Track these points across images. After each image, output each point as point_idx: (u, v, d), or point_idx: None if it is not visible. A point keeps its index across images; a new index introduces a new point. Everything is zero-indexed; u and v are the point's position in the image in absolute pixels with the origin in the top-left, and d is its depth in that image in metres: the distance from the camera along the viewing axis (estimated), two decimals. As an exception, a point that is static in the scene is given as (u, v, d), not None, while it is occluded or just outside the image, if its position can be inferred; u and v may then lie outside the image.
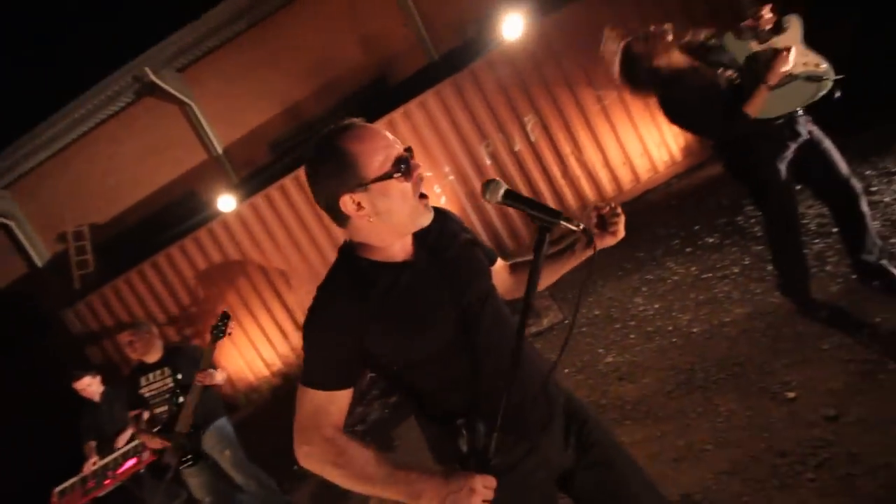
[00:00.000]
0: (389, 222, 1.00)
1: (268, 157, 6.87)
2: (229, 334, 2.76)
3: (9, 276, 7.18)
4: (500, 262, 1.30)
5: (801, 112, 2.06)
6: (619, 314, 3.33)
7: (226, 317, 2.80)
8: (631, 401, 2.52)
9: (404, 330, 1.01)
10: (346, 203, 0.98)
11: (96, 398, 3.76)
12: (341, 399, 1.04)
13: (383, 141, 0.98)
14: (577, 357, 3.13)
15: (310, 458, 1.04)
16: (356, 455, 1.00)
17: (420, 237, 1.08)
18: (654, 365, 2.69)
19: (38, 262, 7.14)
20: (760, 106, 1.94)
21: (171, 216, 6.66)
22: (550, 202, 5.24)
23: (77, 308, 5.81)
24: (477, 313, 1.06)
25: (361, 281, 1.01)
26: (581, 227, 1.04)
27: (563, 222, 0.99)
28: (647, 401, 2.46)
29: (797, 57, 1.96)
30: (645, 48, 2.09)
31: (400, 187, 0.97)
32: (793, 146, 2.06)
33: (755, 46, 1.99)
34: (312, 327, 1.03)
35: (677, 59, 2.12)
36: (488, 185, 1.02)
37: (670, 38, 2.07)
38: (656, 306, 3.20)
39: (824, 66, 1.97)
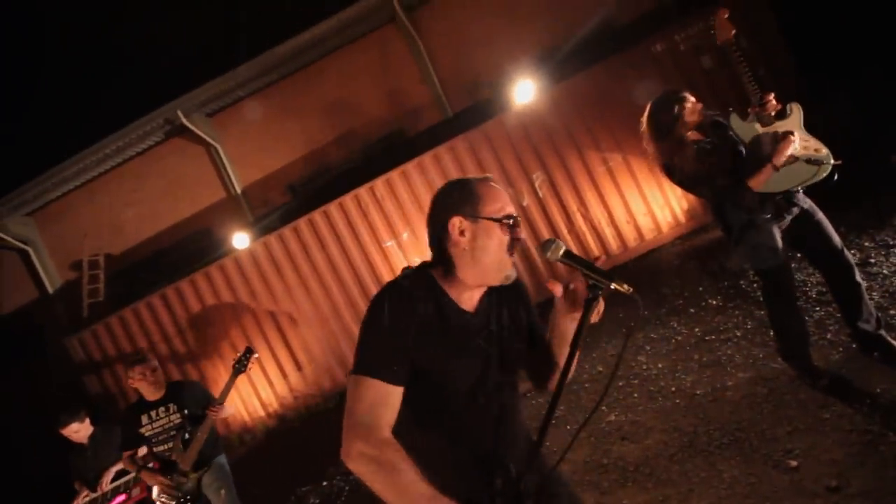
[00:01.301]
0: (479, 260, 1.10)
1: (284, 198, 7.12)
2: (250, 369, 2.81)
3: (19, 301, 7.27)
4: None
5: (798, 188, 2.20)
6: (623, 372, 3.33)
7: (250, 351, 2.85)
8: (633, 462, 2.49)
9: (435, 367, 1.07)
10: (455, 224, 1.11)
11: (84, 441, 3.63)
12: (398, 398, 1.04)
13: (505, 198, 1.15)
14: (580, 414, 3.11)
15: (362, 457, 0.98)
16: (407, 468, 0.97)
17: (488, 297, 1.17)
18: (656, 426, 2.67)
19: (50, 289, 7.25)
20: (764, 182, 2.09)
21: (186, 251, 6.83)
22: (556, 256, 5.35)
23: (82, 336, 5.84)
24: (493, 392, 1.15)
25: (435, 302, 1.10)
26: (631, 290, 1.04)
27: (614, 284, 1.03)
28: (649, 463, 2.44)
29: (799, 140, 2.12)
30: (685, 113, 2.22)
31: (500, 235, 1.11)
32: (788, 217, 2.18)
33: (759, 129, 2.16)
34: (389, 315, 1.04)
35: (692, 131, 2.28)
36: (548, 243, 1.08)
37: (699, 114, 2.24)
38: (660, 366, 3.21)
39: (824, 151, 2.12)
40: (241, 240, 5.77)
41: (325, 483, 3.82)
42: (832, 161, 2.10)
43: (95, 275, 6.79)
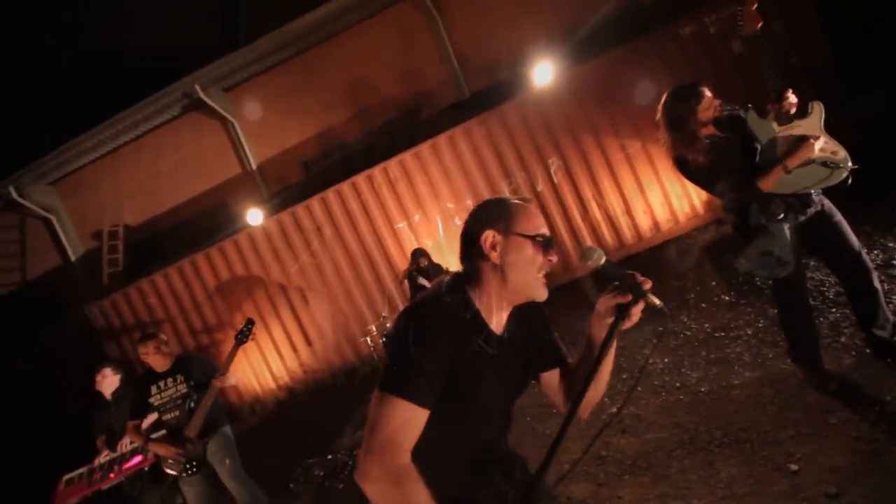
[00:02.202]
0: (508, 277, 1.08)
1: (299, 175, 7.14)
2: (253, 339, 2.89)
3: (42, 267, 7.52)
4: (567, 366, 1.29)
5: (810, 191, 2.11)
6: (629, 365, 3.32)
7: (251, 322, 2.94)
8: (632, 455, 2.50)
9: (461, 388, 1.06)
10: (487, 238, 1.09)
11: (107, 395, 3.84)
12: (423, 420, 1.01)
13: (541, 220, 1.14)
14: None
15: (379, 481, 0.96)
16: (422, 498, 0.96)
17: (513, 321, 1.16)
18: (658, 420, 2.66)
19: (72, 257, 7.48)
20: (774, 184, 2.01)
21: (202, 225, 6.95)
22: (569, 244, 5.30)
23: (102, 304, 6.03)
24: (504, 410, 1.18)
25: (473, 325, 1.07)
26: (662, 305, 1.04)
27: (648, 297, 1.03)
28: (647, 457, 2.44)
29: (820, 145, 2.02)
30: (700, 108, 2.15)
31: (532, 253, 1.09)
32: (802, 218, 2.10)
33: (776, 127, 2.06)
34: (430, 336, 1.01)
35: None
36: (589, 251, 1.06)
37: (715, 109, 2.16)
38: (666, 360, 3.18)
39: (842, 154, 2.02)
40: (254, 216, 5.83)
41: (329, 457, 3.94)
42: (849, 165, 2.01)
43: (115, 245, 6.97)
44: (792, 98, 2.02)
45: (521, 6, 6.50)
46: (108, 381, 3.80)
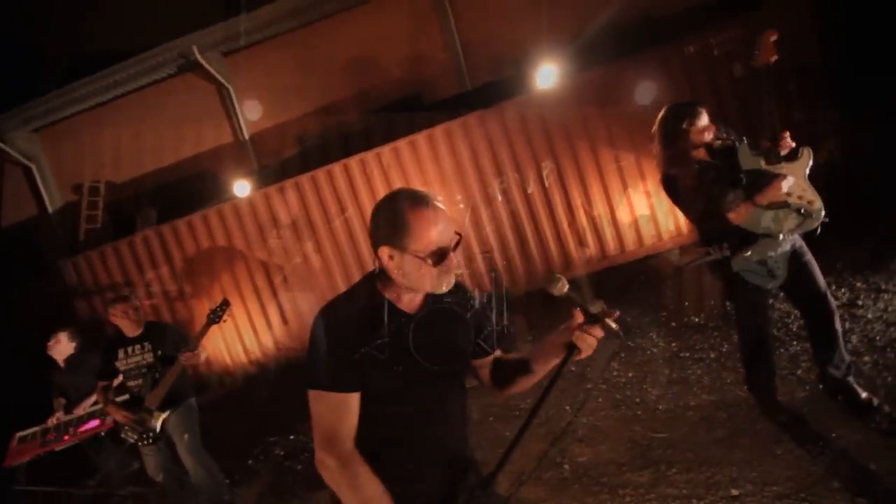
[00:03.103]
0: (409, 283, 1.14)
1: (291, 151, 7.04)
2: (225, 321, 2.85)
3: (17, 217, 7.33)
4: (497, 354, 1.36)
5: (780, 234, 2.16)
6: (593, 375, 3.38)
7: (226, 304, 2.90)
8: (584, 464, 2.56)
9: (385, 371, 1.11)
10: (384, 252, 1.13)
11: (59, 360, 3.74)
12: (355, 405, 1.10)
13: (437, 228, 1.10)
14: (542, 409, 3.17)
15: (328, 470, 1.08)
16: (368, 482, 1.07)
17: (432, 299, 1.20)
18: (613, 433, 2.73)
19: (50, 209, 7.30)
20: (743, 218, 2.05)
21: (187, 190, 6.82)
22: (553, 249, 5.34)
23: (76, 260, 5.92)
24: (438, 382, 1.18)
25: (377, 314, 1.13)
26: (617, 329, 1.11)
27: (606, 323, 1.11)
28: (599, 468, 2.50)
29: (795, 188, 2.06)
30: (694, 129, 2.16)
31: (428, 269, 1.11)
32: (772, 254, 2.15)
33: (763, 165, 2.10)
34: (330, 329, 1.10)
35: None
36: (554, 280, 1.14)
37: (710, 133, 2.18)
38: (630, 375, 3.25)
39: (818, 204, 2.07)
40: (242, 188, 5.75)
41: (292, 437, 3.96)
42: (822, 217, 2.07)
43: (95, 201, 6.82)
44: (788, 140, 2.06)
45: (532, 4, 6.44)
46: (61, 347, 3.70)
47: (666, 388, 2.96)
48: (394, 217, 1.10)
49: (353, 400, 1.09)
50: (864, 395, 2.24)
